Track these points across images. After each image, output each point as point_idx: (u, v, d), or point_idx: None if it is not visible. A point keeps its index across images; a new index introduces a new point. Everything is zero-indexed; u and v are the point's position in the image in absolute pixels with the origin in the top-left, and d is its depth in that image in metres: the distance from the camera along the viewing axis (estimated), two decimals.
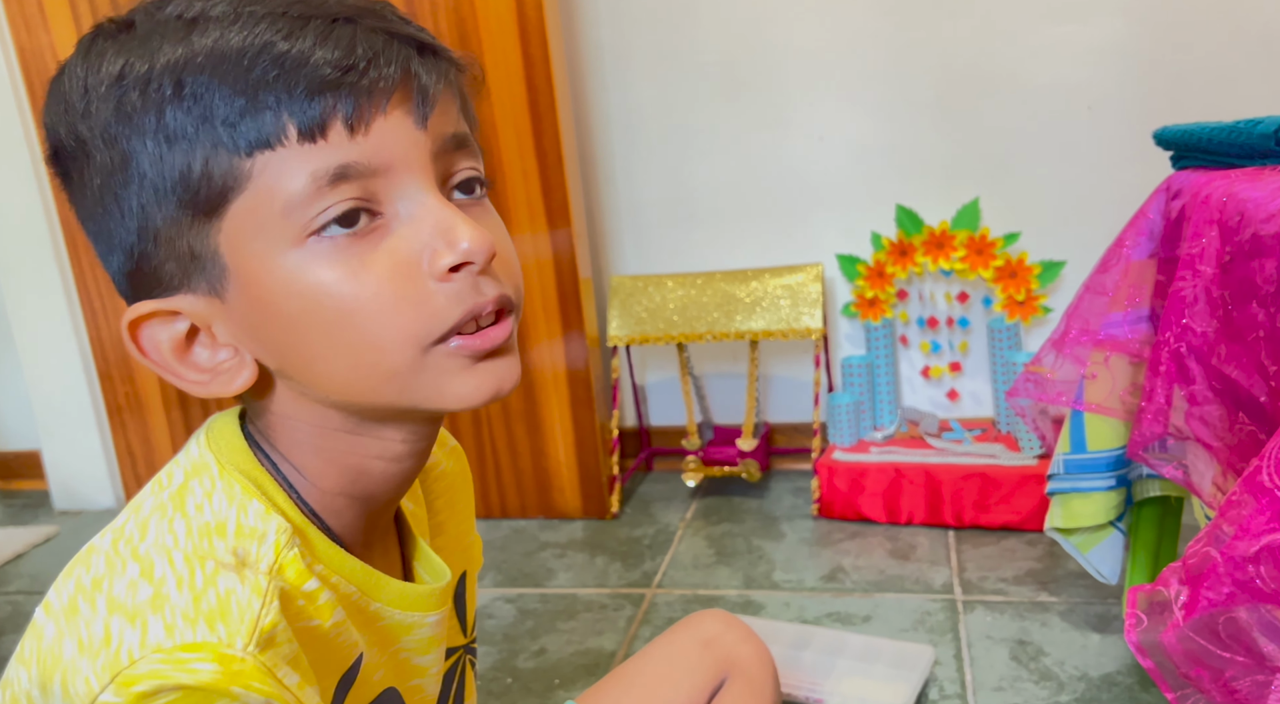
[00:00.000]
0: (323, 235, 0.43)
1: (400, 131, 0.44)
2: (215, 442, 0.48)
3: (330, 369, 0.45)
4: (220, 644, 0.39)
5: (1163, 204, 1.04)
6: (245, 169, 0.42)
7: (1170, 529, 1.17)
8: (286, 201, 0.42)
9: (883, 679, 1.12)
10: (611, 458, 1.76)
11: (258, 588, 0.42)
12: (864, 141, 1.74)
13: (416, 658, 0.54)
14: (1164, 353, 0.90)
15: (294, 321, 0.44)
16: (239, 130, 0.41)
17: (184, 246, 0.44)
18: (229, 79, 0.41)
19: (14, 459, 2.21)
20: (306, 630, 0.44)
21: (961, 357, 1.78)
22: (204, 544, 0.43)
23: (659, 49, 1.78)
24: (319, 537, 0.48)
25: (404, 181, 0.44)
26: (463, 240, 0.44)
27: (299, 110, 0.41)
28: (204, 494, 0.46)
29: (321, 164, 0.42)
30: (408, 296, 0.44)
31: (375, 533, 0.53)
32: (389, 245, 0.44)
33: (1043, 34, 1.63)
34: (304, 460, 0.49)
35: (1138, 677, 1.14)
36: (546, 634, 1.36)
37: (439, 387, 0.46)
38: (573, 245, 1.64)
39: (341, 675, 0.47)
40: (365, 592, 0.49)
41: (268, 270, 0.43)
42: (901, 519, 1.62)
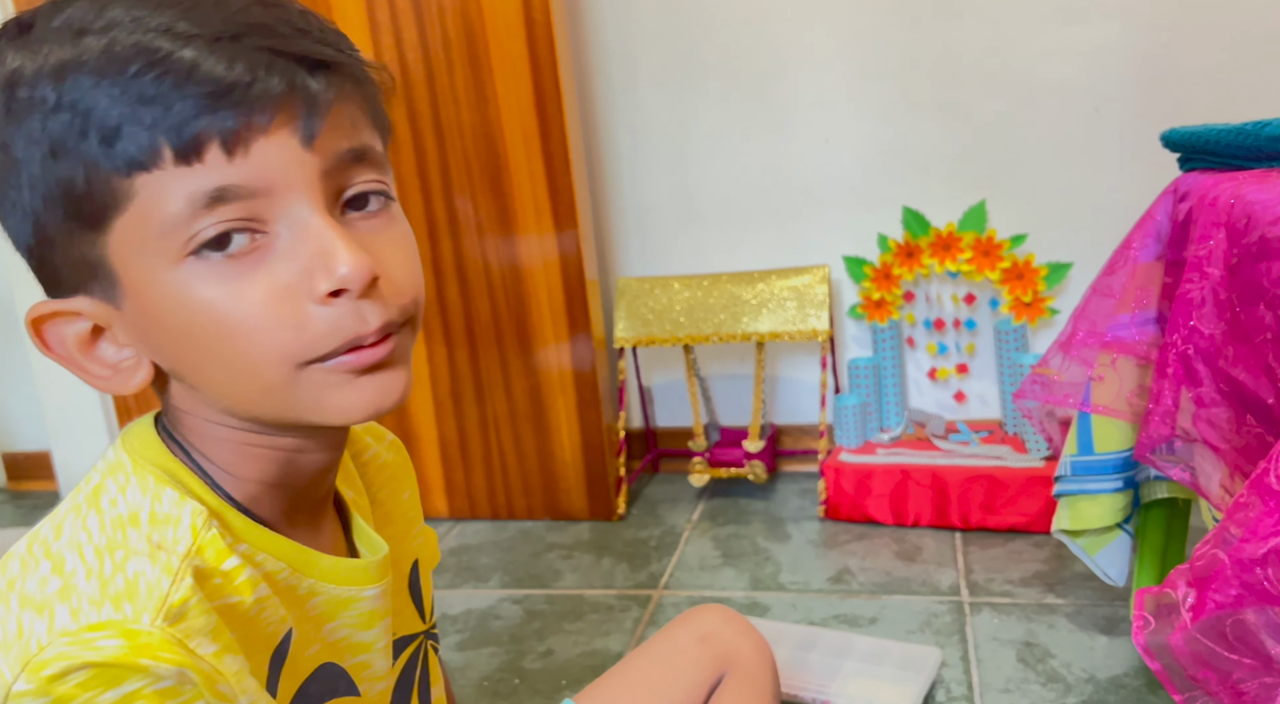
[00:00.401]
0: (199, 256, 0.43)
1: (283, 152, 0.43)
2: (129, 442, 0.49)
3: (212, 380, 0.46)
4: (125, 620, 0.40)
5: (1170, 206, 1.04)
6: (125, 188, 0.42)
7: (1178, 531, 1.17)
8: (163, 223, 0.42)
9: (889, 681, 1.12)
10: (618, 459, 1.77)
11: (168, 568, 0.42)
12: (870, 143, 1.74)
13: (359, 634, 0.54)
14: (1171, 355, 0.90)
15: (177, 336, 0.45)
16: (115, 150, 0.41)
17: (76, 254, 0.45)
18: (106, 94, 0.41)
19: (24, 460, 2.22)
20: (225, 608, 0.45)
21: (968, 358, 1.78)
22: (117, 536, 0.44)
23: (665, 52, 1.79)
24: (238, 517, 0.48)
25: (287, 202, 0.43)
26: (341, 265, 0.43)
27: (173, 132, 0.41)
28: (118, 489, 0.46)
29: (197, 187, 0.42)
30: (284, 319, 0.44)
31: (305, 515, 0.54)
32: (270, 267, 0.44)
33: (1049, 35, 1.63)
34: (214, 452, 0.49)
35: (1145, 679, 1.14)
36: (553, 635, 1.37)
37: (318, 401, 0.46)
38: (579, 247, 1.65)
39: (273, 652, 0.48)
40: (296, 568, 0.50)
41: (151, 286, 0.44)
42: (908, 521, 1.62)
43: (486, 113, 1.62)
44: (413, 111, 1.64)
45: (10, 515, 2.07)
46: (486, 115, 1.62)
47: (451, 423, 1.77)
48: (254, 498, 0.50)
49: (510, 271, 1.68)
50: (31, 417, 2.16)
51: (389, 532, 0.63)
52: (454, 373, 1.75)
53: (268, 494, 0.51)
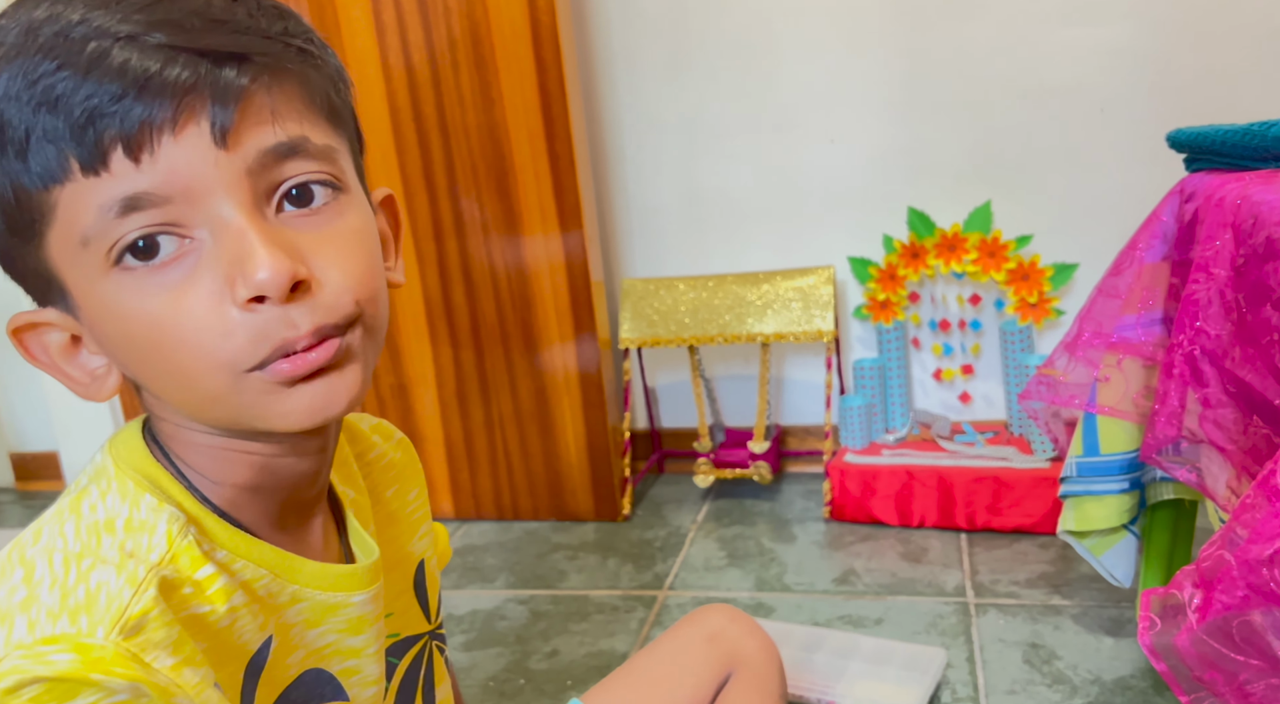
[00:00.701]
0: (122, 266, 0.42)
1: (194, 153, 0.41)
2: (115, 447, 0.49)
3: (164, 389, 0.46)
4: (79, 634, 0.39)
5: (1176, 207, 1.04)
6: (47, 201, 0.41)
7: (1184, 533, 1.17)
8: (82, 234, 0.41)
9: (894, 682, 1.12)
10: (623, 460, 1.77)
11: (133, 578, 0.42)
12: (876, 144, 1.74)
13: (348, 639, 0.53)
14: (1177, 356, 0.90)
15: (120, 346, 0.45)
16: (29, 165, 0.40)
17: (29, 266, 0.45)
18: (15, 104, 0.40)
19: (32, 460, 2.23)
20: (194, 619, 0.44)
21: (973, 359, 1.78)
22: (91, 542, 0.44)
23: (671, 52, 1.79)
24: (218, 523, 0.48)
25: (206, 204, 0.42)
26: (259, 270, 0.41)
27: (75, 143, 0.40)
28: (99, 495, 0.46)
29: (107, 196, 0.41)
30: (212, 327, 0.42)
31: (293, 518, 0.53)
32: (195, 273, 0.42)
33: (1056, 36, 1.63)
34: (192, 457, 0.49)
35: (1152, 680, 1.14)
36: (558, 636, 1.37)
37: (263, 411, 0.45)
38: (584, 248, 1.65)
39: (248, 662, 0.48)
40: (277, 575, 0.49)
41: (88, 297, 0.44)
42: (913, 522, 1.61)
43: (492, 114, 1.62)
44: (418, 113, 1.65)
45: (18, 516, 2.08)
46: (492, 116, 1.62)
47: (457, 423, 1.77)
48: (234, 503, 0.49)
49: (515, 272, 1.68)
50: (39, 417, 2.17)
51: (392, 532, 0.62)
52: (459, 373, 1.75)
53: (248, 499, 0.50)
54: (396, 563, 0.62)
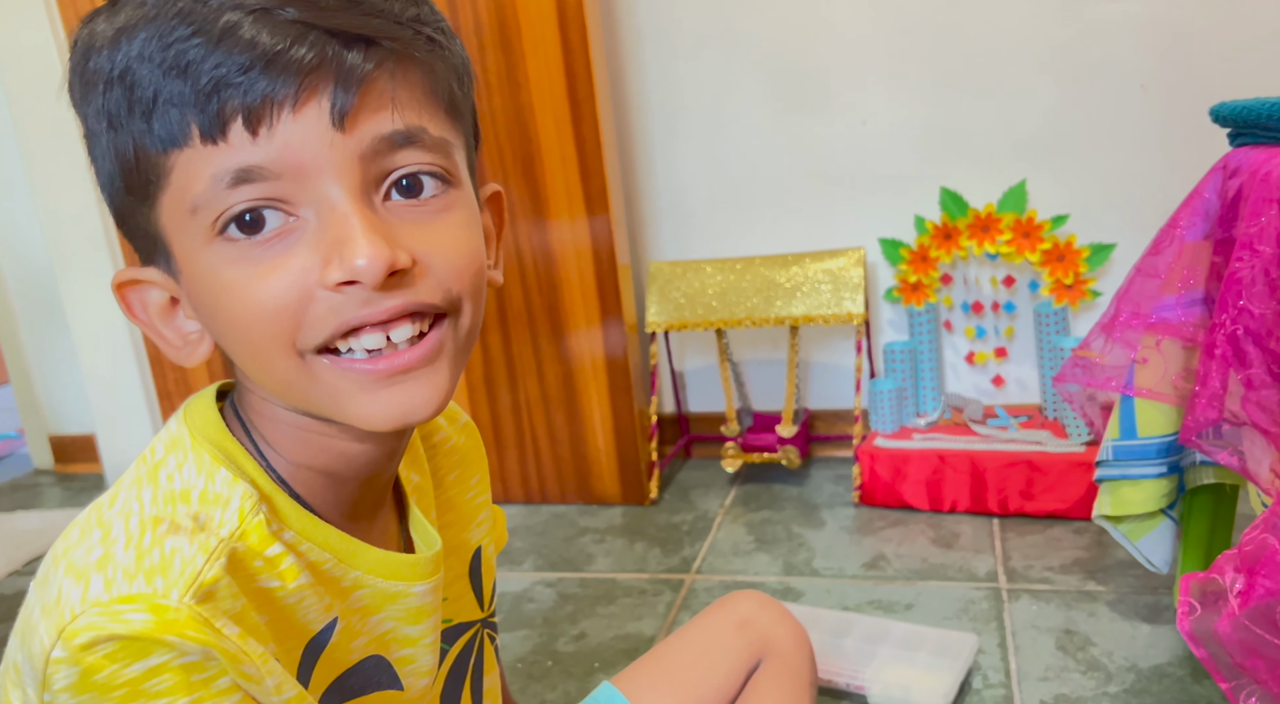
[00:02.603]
0: (225, 236, 0.42)
1: (311, 132, 0.41)
2: (190, 417, 0.49)
3: (245, 366, 0.46)
4: (155, 595, 0.40)
5: (1219, 183, 1.01)
6: (165, 164, 0.42)
7: (1224, 518, 1.14)
8: (193, 200, 0.42)
9: (925, 667, 1.11)
10: (650, 444, 1.76)
11: (205, 547, 0.42)
12: (908, 123, 1.71)
13: (405, 628, 0.53)
14: (1220, 336, 0.88)
15: (212, 315, 0.45)
16: (153, 126, 0.41)
17: (140, 225, 0.45)
18: (146, 68, 0.41)
19: (70, 443, 2.27)
20: (263, 592, 0.45)
21: (1007, 342, 1.75)
22: (166, 508, 0.44)
23: (699, 33, 1.77)
24: (289, 503, 0.48)
25: (315, 184, 0.42)
26: (358, 256, 0.41)
27: (198, 110, 0.40)
28: (176, 465, 0.47)
29: (222, 166, 0.41)
30: (291, 306, 0.42)
31: (363, 505, 0.53)
32: (292, 251, 0.42)
33: (1095, 10, 1.59)
34: (272, 434, 0.49)
35: (1190, 669, 1.11)
36: (586, 618, 1.37)
37: (338, 403, 0.45)
38: (611, 231, 1.64)
39: (309, 641, 0.48)
40: (341, 560, 0.49)
41: (191, 264, 0.44)
42: (945, 507, 1.59)
43: (518, 98, 1.61)
44: None
45: (57, 497, 2.13)
46: (518, 100, 1.61)
47: (485, 407, 1.77)
48: (308, 486, 0.49)
49: (542, 256, 1.68)
50: (78, 401, 2.21)
51: (450, 517, 0.62)
52: (487, 357, 1.75)
53: (323, 484, 0.50)
54: (453, 549, 0.62)
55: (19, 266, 2.19)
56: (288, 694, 0.44)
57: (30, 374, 2.26)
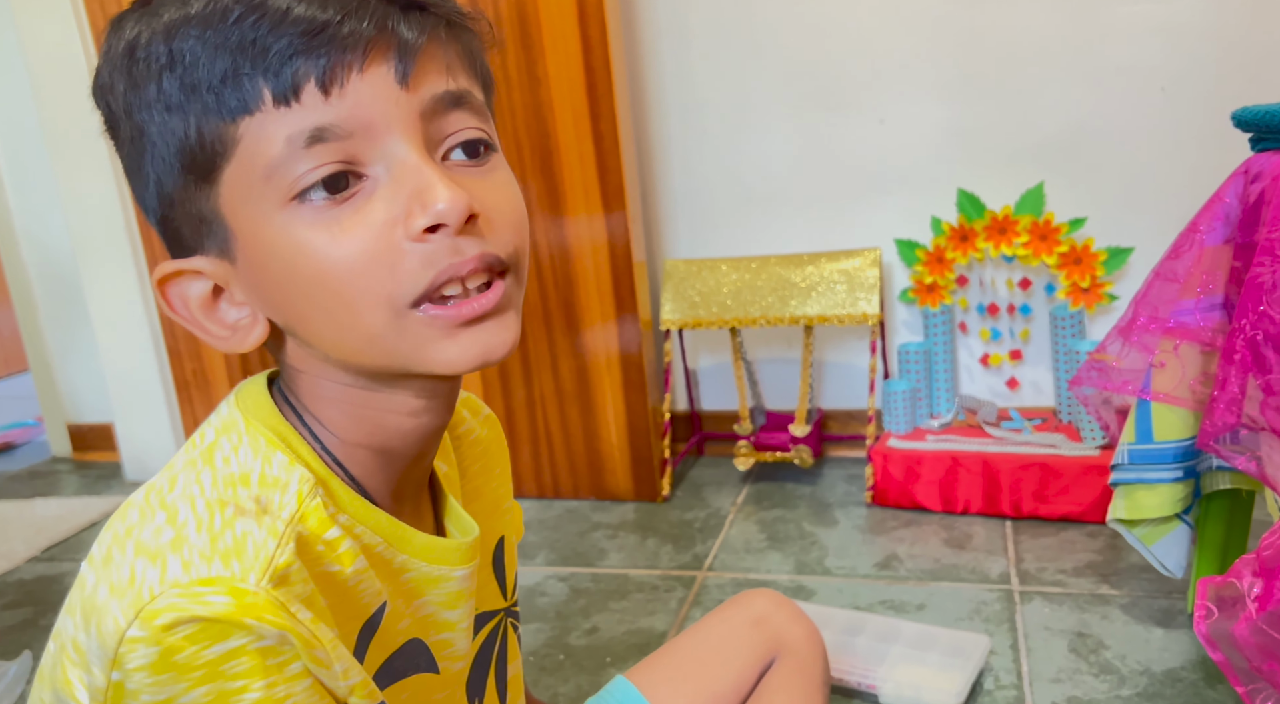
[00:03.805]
0: (304, 199, 0.43)
1: (379, 90, 0.43)
2: (243, 401, 0.50)
3: (319, 329, 0.47)
4: (234, 578, 0.41)
5: (1240, 187, 1.00)
6: (231, 134, 0.43)
7: (1240, 524, 1.14)
8: (267, 165, 0.43)
9: (937, 667, 1.11)
10: (663, 441, 1.77)
11: (274, 531, 0.43)
12: (926, 124, 1.71)
13: (444, 612, 0.54)
14: (1239, 341, 0.87)
15: (284, 283, 0.45)
16: (221, 96, 0.42)
17: (194, 211, 0.46)
18: (212, 44, 0.42)
19: (88, 431, 2.30)
20: (325, 576, 0.45)
21: (1022, 344, 1.75)
22: (228, 492, 0.45)
23: (718, 31, 1.77)
24: (343, 488, 0.49)
25: (384, 142, 0.44)
26: (438, 201, 0.43)
27: (271, 74, 0.42)
28: (231, 449, 0.47)
29: (296, 127, 0.42)
30: (380, 259, 0.44)
31: (407, 490, 0.54)
32: (368, 207, 0.44)
33: (1115, 12, 1.58)
34: (326, 414, 0.50)
35: (1203, 673, 1.11)
36: (598, 613, 1.38)
37: (422, 351, 0.46)
38: (627, 229, 1.65)
39: (364, 623, 0.49)
40: (391, 543, 0.50)
41: (259, 233, 0.45)
42: (958, 508, 1.59)
43: (537, 94, 1.62)
44: None
45: (75, 485, 2.15)
46: (537, 96, 1.62)
47: (499, 402, 1.78)
48: (362, 465, 0.50)
49: (559, 252, 1.69)
50: (96, 390, 2.23)
51: (475, 507, 0.63)
52: None
53: (376, 464, 0.51)
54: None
55: (41, 256, 2.21)
56: (353, 679, 0.45)
57: (50, 362, 2.29)
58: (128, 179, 0.48)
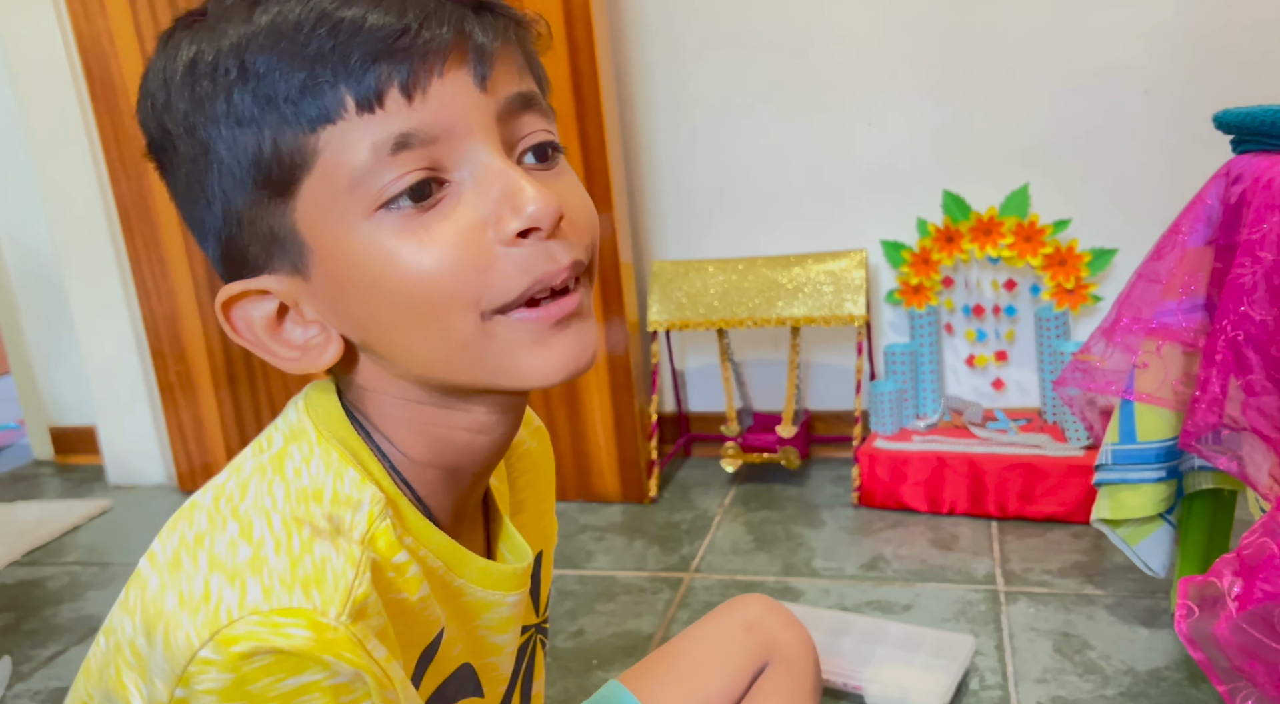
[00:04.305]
0: (390, 208, 0.43)
1: (460, 94, 0.43)
2: (313, 409, 0.49)
3: (406, 342, 0.45)
4: (315, 611, 0.40)
5: (1222, 189, 1.01)
6: (311, 145, 0.42)
7: (1222, 524, 1.14)
8: (352, 175, 0.42)
9: (923, 668, 1.11)
10: (650, 443, 1.77)
11: (351, 557, 0.42)
12: (912, 126, 1.72)
13: (494, 636, 0.54)
14: (1220, 341, 0.88)
15: (368, 295, 0.44)
16: (300, 107, 0.42)
17: (265, 228, 0.45)
18: (287, 56, 0.41)
19: (71, 434, 2.28)
20: (395, 603, 0.45)
21: (1008, 345, 1.76)
22: (301, 508, 0.43)
23: (706, 33, 1.77)
24: (410, 509, 0.48)
25: (467, 145, 0.44)
26: (529, 205, 0.43)
27: (354, 81, 0.41)
28: (302, 459, 0.46)
29: (382, 134, 0.42)
30: (473, 263, 0.43)
31: (466, 509, 0.53)
32: (456, 213, 0.43)
33: (1099, 15, 1.59)
34: (394, 431, 0.49)
35: (1187, 672, 1.12)
36: (585, 615, 1.38)
37: (511, 361, 0.45)
38: (615, 230, 1.65)
39: (424, 649, 0.48)
40: (450, 567, 0.49)
41: (341, 245, 0.44)
42: (944, 509, 1.60)
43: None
44: None
45: (57, 488, 2.13)
46: None
47: None
48: (429, 485, 0.49)
49: None
50: (78, 392, 2.21)
51: (519, 519, 0.63)
52: None
53: (443, 483, 0.50)
54: None
55: (23, 258, 2.19)
56: None
57: (32, 365, 2.27)
58: (180, 203, 0.47)
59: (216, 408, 1.93)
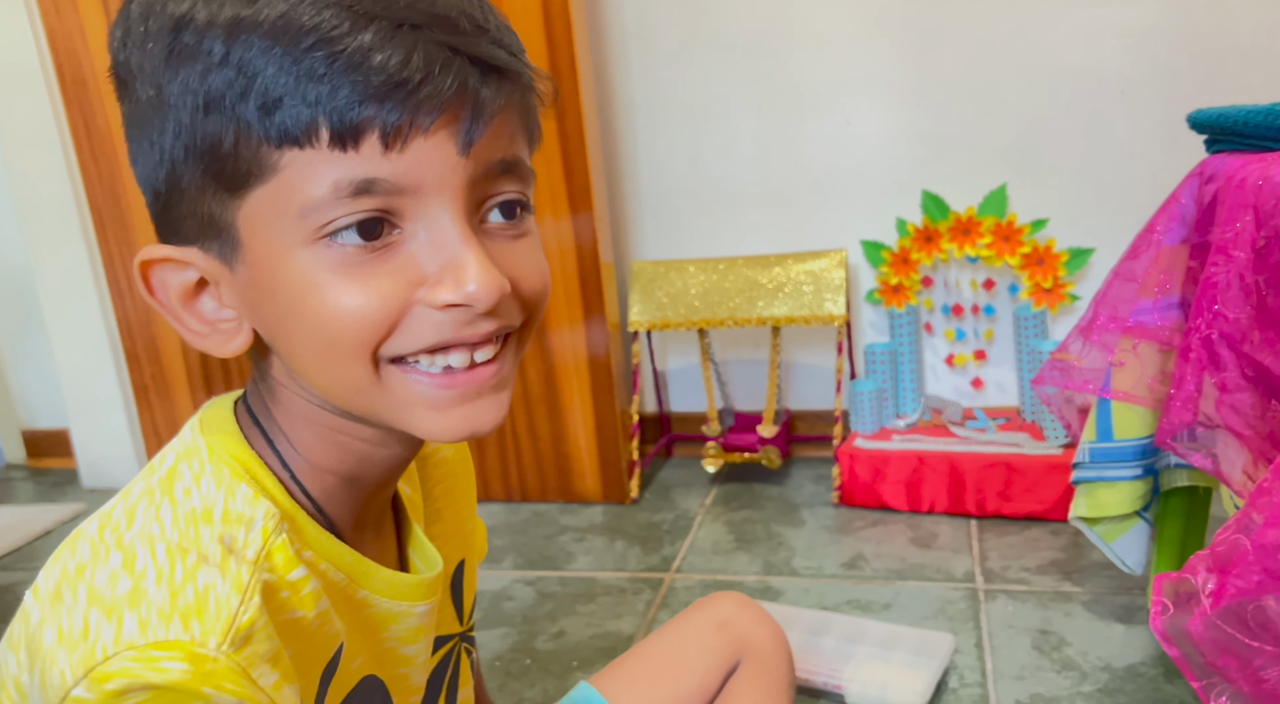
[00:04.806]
0: (334, 240, 0.42)
1: (439, 155, 0.41)
2: (207, 425, 0.48)
3: (306, 367, 0.45)
4: (193, 643, 0.39)
5: (1196, 189, 1.02)
6: (272, 160, 0.41)
7: (1198, 520, 1.15)
8: (305, 204, 0.41)
9: (903, 666, 1.11)
10: (631, 443, 1.76)
11: (238, 583, 0.41)
12: (891, 126, 1.72)
13: (403, 647, 0.53)
14: (1195, 339, 0.89)
15: (284, 313, 0.43)
16: (273, 118, 0.40)
17: (205, 210, 0.43)
18: (276, 62, 0.39)
19: (44, 438, 2.24)
20: (290, 623, 0.44)
21: (986, 344, 1.77)
22: (190, 532, 0.42)
23: (684, 32, 1.77)
24: (308, 522, 0.47)
25: (431, 204, 0.42)
26: (470, 283, 0.42)
27: (336, 115, 0.40)
28: (192, 478, 0.45)
29: (348, 174, 0.41)
30: (389, 315, 0.42)
31: (369, 517, 0.52)
32: (397, 263, 0.42)
33: (1076, 16, 1.61)
34: (299, 434, 0.48)
35: (1163, 668, 1.13)
36: (565, 617, 1.37)
37: (405, 413, 0.45)
38: (594, 230, 1.64)
39: (325, 666, 0.47)
40: (353, 579, 0.48)
41: (274, 260, 0.43)
42: (923, 508, 1.60)
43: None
44: None
45: (30, 492, 2.10)
46: None
47: None
48: (329, 493, 0.49)
49: None
50: (52, 395, 2.18)
51: (437, 528, 0.62)
52: None
53: (343, 492, 0.49)
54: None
55: None
56: None
57: (3, 367, 2.23)
58: (129, 135, 0.45)
59: (192, 410, 1.90)
